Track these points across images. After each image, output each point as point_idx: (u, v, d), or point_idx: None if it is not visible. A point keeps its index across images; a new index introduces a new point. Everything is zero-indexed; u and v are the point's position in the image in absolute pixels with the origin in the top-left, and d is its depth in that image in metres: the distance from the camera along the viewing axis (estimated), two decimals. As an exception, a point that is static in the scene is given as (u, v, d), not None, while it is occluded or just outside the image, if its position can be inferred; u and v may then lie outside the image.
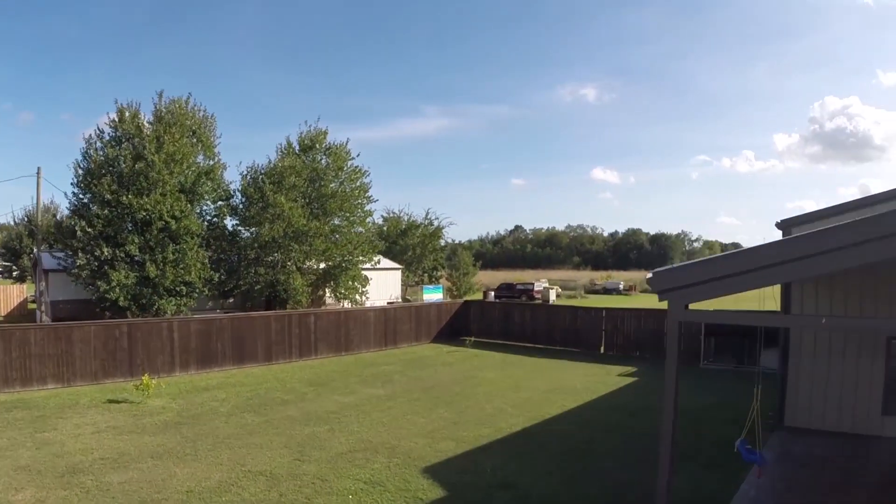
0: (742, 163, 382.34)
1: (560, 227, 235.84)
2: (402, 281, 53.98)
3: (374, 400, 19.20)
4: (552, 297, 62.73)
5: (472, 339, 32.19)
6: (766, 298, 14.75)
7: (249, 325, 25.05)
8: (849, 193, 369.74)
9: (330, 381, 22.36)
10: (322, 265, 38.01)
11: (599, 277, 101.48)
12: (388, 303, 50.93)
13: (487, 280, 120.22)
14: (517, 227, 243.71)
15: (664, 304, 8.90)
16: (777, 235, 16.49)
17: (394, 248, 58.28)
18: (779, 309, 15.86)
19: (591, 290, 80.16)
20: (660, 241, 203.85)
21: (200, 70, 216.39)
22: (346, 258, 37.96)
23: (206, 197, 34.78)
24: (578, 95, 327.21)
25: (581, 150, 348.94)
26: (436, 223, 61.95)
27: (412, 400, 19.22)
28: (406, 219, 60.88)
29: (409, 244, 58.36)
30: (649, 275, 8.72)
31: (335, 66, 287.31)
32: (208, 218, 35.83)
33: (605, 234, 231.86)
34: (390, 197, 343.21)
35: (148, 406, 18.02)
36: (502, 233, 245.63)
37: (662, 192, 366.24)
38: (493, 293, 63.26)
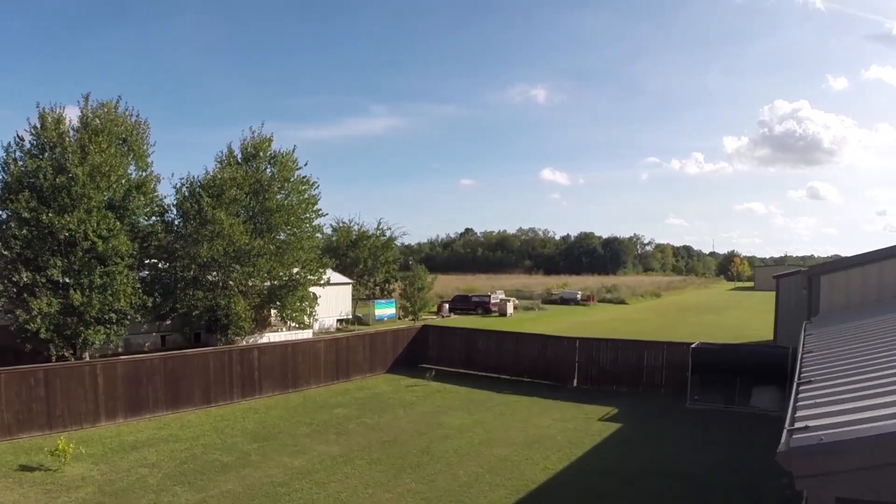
0: (692, 165, 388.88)
1: (511, 230, 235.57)
2: (352, 295, 51.45)
3: (329, 462, 16.66)
4: (509, 309, 60.78)
5: (433, 368, 29.84)
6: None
7: (185, 364, 22.17)
8: (798, 196, 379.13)
9: (276, 432, 19.74)
10: (267, 283, 35.21)
11: (555, 285, 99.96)
12: (338, 320, 48.46)
13: (439, 287, 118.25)
14: (468, 230, 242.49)
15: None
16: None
17: (344, 260, 55.65)
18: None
19: (548, 299, 78.46)
20: (612, 244, 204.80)
21: (145, 69, 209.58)
22: (293, 278, 35.31)
23: (138, 213, 31.61)
24: (529, 96, 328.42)
25: (531, 151, 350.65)
26: (388, 233, 59.63)
27: (372, 462, 16.73)
28: (357, 229, 58.31)
29: (360, 256, 55.78)
30: (782, 448, 5.75)
31: (283, 64, 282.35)
32: (141, 235, 32.64)
33: (557, 237, 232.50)
34: (339, 198, 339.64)
35: (65, 476, 15.19)
36: (453, 235, 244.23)
37: (612, 194, 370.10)
38: (447, 306, 61.10)
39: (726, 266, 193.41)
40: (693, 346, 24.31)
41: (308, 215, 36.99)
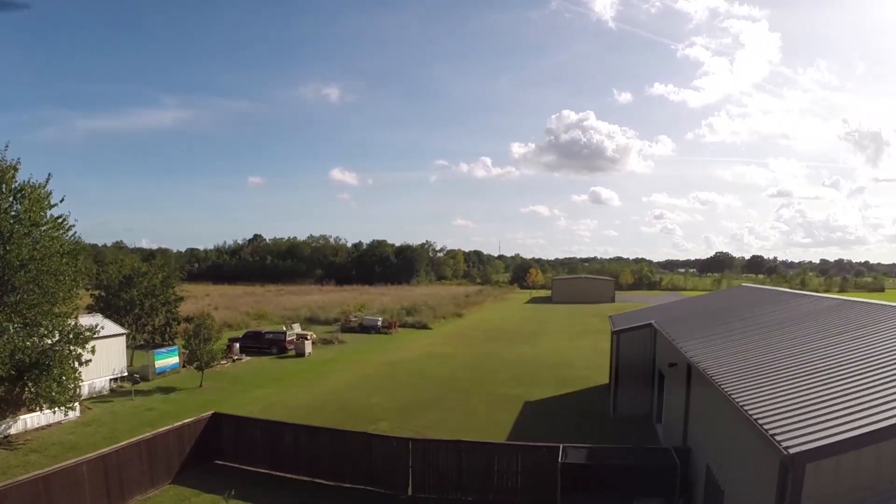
0: (480, 168, 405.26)
1: (302, 236, 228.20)
2: (127, 345, 43.86)
3: None
4: (307, 348, 55.44)
5: (233, 466, 24.53)
6: None
7: None
8: (581, 200, 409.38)
9: None
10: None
11: (352, 304, 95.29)
12: (112, 378, 40.86)
13: (225, 300, 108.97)
14: (256, 237, 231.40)
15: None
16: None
17: (116, 302, 47.73)
18: None
19: (348, 327, 73.89)
20: (405, 252, 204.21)
21: None
22: (47, 352, 28.01)
23: None
24: (322, 94, 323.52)
25: (321, 150, 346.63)
26: (166, 270, 52.57)
27: None
28: (131, 266, 50.64)
29: (136, 298, 48.13)
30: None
31: (66, 46, 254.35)
32: None
33: (349, 244, 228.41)
34: (120, 199, 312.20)
35: None
36: (241, 242, 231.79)
37: (401, 195, 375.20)
38: (238, 345, 54.57)
39: (521, 274, 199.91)
40: (561, 459, 20.76)
41: (66, 269, 29.47)
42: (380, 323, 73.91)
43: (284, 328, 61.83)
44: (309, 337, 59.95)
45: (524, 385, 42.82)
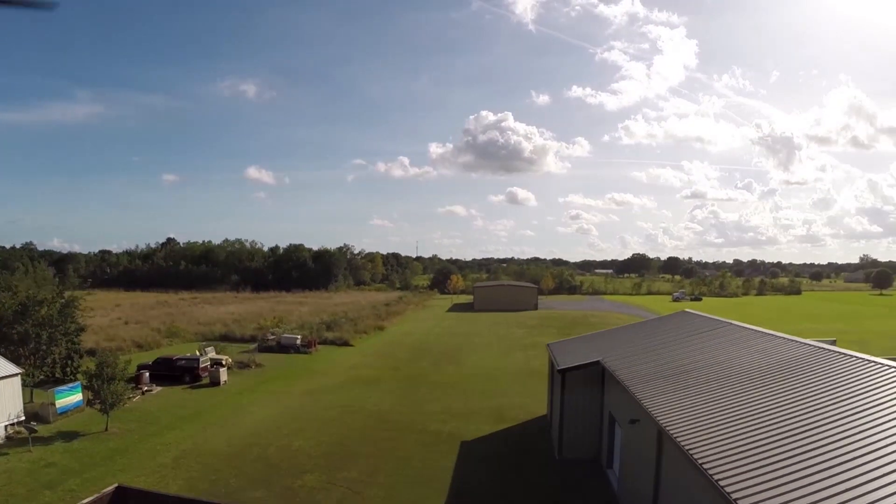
0: (397, 168, 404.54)
1: (217, 239, 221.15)
2: (24, 384, 40.17)
3: None
4: (223, 376, 52.42)
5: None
6: None
7: None
8: (497, 200, 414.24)
9: None
10: None
11: (269, 318, 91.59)
12: (8, 425, 37.17)
13: (136, 312, 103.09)
14: (170, 241, 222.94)
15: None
16: None
17: (9, 334, 43.92)
18: None
19: (265, 346, 70.61)
20: (323, 257, 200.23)
21: None
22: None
23: None
24: (239, 91, 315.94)
25: (238, 148, 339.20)
26: (66, 296, 48.96)
27: None
28: (26, 292, 46.77)
29: (31, 330, 44.37)
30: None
31: None
32: None
33: (266, 248, 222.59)
34: (27, 198, 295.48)
35: None
36: (153, 245, 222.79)
37: (318, 194, 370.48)
38: (147, 374, 51.16)
39: (441, 279, 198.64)
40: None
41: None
42: (299, 341, 71.20)
43: (198, 352, 58.62)
44: (224, 362, 56.99)
45: (458, 419, 41.36)
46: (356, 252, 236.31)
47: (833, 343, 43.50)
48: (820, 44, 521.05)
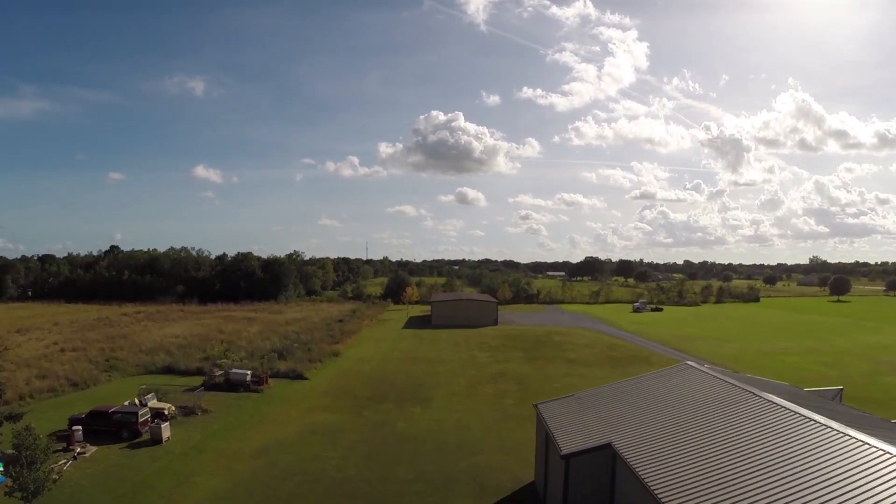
0: (347, 167, 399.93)
1: (163, 244, 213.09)
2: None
3: None
4: (164, 432, 47.00)
5: None
6: None
7: None
8: (447, 200, 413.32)
9: None
10: None
11: (216, 347, 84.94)
12: None
13: (75, 333, 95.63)
14: (113, 249, 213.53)
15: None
16: None
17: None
18: None
19: (212, 384, 64.80)
20: (272, 266, 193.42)
21: None
22: None
23: None
24: (186, 88, 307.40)
25: (185, 146, 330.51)
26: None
27: None
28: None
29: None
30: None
31: None
32: None
33: (213, 255, 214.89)
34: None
35: None
36: (96, 253, 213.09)
37: (267, 194, 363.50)
38: (80, 429, 45.63)
39: (394, 288, 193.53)
40: None
41: None
42: (249, 378, 65.84)
43: (137, 401, 53.13)
44: (167, 412, 51.80)
45: (435, 493, 37.28)
46: (306, 258, 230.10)
47: (840, 392, 41.00)
48: (769, 48, 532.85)
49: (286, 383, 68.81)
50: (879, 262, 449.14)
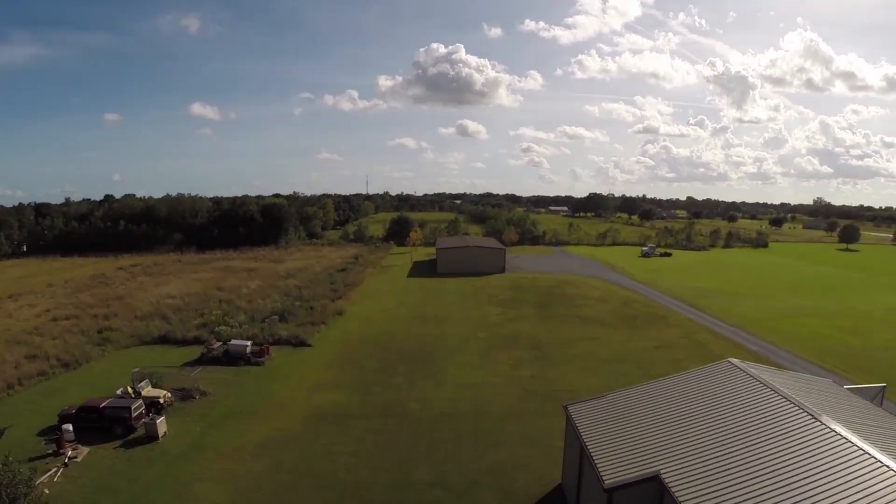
0: (346, 101, 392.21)
1: (160, 189, 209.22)
2: None
3: None
4: (160, 427, 43.61)
5: None
6: None
7: None
8: (448, 133, 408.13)
9: None
10: None
11: (214, 311, 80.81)
12: None
13: (69, 295, 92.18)
14: (108, 198, 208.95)
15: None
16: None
17: None
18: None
19: (210, 357, 61.23)
20: (272, 211, 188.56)
21: None
22: None
23: None
24: (181, 26, 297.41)
25: (181, 84, 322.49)
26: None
27: None
28: None
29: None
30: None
31: None
32: None
33: (210, 198, 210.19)
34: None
35: None
36: (95, 199, 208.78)
37: (265, 129, 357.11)
38: (70, 428, 42.21)
39: (396, 229, 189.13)
40: None
41: None
42: (249, 349, 62.47)
43: (129, 390, 49.62)
44: (162, 400, 48.56)
45: (455, 499, 34.25)
46: (307, 196, 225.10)
47: (883, 391, 37.47)
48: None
49: (289, 352, 65.52)
50: (884, 207, 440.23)
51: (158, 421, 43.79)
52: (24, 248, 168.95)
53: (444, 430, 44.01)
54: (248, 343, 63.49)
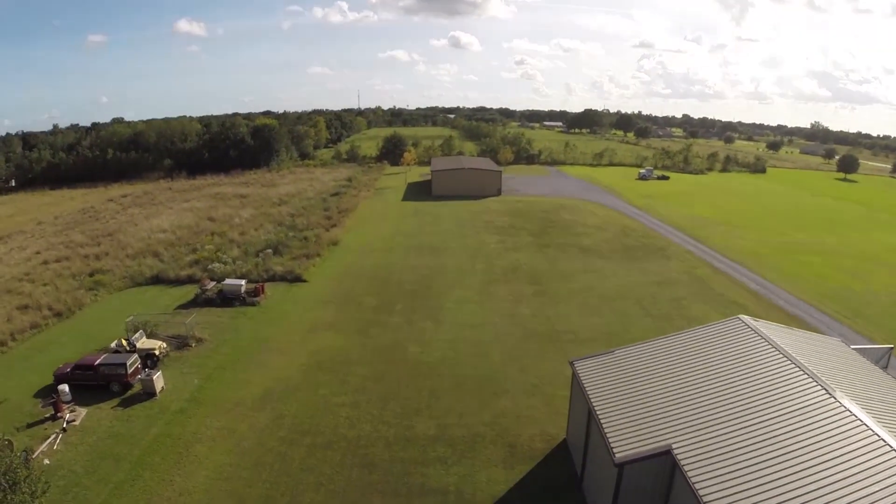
0: (335, 13, 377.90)
1: (148, 111, 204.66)
2: None
3: None
4: (158, 383, 42.86)
5: None
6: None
7: None
8: (440, 45, 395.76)
9: None
10: None
11: (206, 245, 79.78)
12: None
13: (59, 233, 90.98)
14: (95, 126, 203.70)
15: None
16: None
17: None
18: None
19: (204, 298, 59.87)
20: (263, 132, 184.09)
21: None
22: None
23: None
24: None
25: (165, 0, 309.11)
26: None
27: None
28: None
29: None
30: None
31: None
32: None
33: (200, 121, 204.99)
34: None
35: None
36: (83, 125, 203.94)
37: (253, 44, 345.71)
38: (65, 389, 41.35)
39: (390, 148, 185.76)
40: None
41: None
42: (243, 289, 61.44)
43: (124, 343, 48.67)
44: (157, 352, 47.80)
45: (459, 457, 34.03)
46: (298, 113, 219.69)
47: (890, 352, 36.61)
48: None
49: (284, 289, 64.68)
50: (882, 136, 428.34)
51: (155, 377, 43.06)
52: (13, 184, 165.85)
53: (445, 377, 43.56)
54: (243, 282, 62.32)
